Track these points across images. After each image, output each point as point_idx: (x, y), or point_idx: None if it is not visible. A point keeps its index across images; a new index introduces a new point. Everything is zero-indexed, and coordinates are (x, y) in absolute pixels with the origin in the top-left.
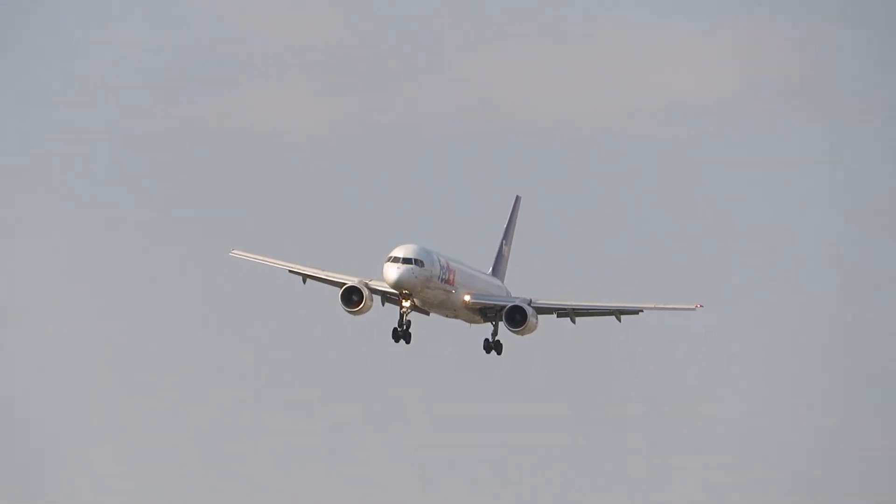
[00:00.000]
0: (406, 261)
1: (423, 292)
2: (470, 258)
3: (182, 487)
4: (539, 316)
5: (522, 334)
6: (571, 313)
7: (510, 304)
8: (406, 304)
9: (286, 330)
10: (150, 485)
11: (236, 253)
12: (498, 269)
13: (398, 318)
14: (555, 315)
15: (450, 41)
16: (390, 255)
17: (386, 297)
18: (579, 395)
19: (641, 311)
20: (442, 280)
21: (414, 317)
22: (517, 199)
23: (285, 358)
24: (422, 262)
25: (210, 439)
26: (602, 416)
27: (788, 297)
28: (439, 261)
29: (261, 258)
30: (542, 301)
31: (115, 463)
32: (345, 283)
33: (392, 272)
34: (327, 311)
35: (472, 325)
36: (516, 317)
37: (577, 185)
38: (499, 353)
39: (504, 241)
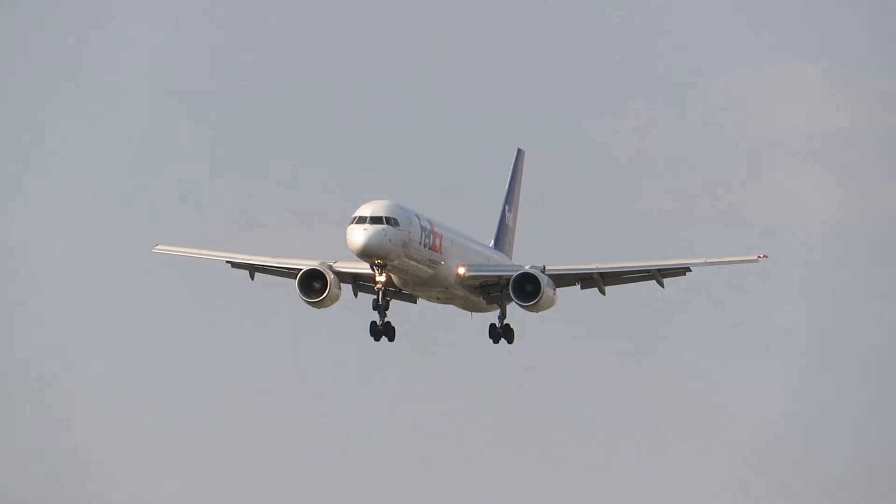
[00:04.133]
0: (375, 220)
1: (402, 262)
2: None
3: None
4: (558, 289)
5: (537, 310)
6: (599, 280)
7: (518, 273)
8: (381, 278)
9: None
10: None
11: (161, 248)
12: (502, 241)
13: (374, 304)
14: (578, 286)
15: None
16: (354, 214)
17: (357, 282)
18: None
19: (689, 269)
20: (425, 245)
21: (398, 307)
22: (519, 152)
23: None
24: (395, 220)
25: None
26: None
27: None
28: (419, 222)
29: (192, 251)
30: (558, 266)
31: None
32: (301, 269)
33: (358, 235)
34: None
35: (474, 313)
36: (527, 287)
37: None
38: (510, 340)
39: (507, 207)
